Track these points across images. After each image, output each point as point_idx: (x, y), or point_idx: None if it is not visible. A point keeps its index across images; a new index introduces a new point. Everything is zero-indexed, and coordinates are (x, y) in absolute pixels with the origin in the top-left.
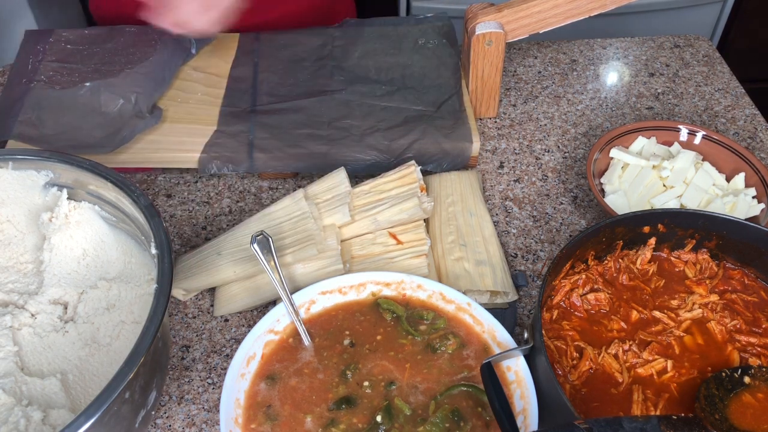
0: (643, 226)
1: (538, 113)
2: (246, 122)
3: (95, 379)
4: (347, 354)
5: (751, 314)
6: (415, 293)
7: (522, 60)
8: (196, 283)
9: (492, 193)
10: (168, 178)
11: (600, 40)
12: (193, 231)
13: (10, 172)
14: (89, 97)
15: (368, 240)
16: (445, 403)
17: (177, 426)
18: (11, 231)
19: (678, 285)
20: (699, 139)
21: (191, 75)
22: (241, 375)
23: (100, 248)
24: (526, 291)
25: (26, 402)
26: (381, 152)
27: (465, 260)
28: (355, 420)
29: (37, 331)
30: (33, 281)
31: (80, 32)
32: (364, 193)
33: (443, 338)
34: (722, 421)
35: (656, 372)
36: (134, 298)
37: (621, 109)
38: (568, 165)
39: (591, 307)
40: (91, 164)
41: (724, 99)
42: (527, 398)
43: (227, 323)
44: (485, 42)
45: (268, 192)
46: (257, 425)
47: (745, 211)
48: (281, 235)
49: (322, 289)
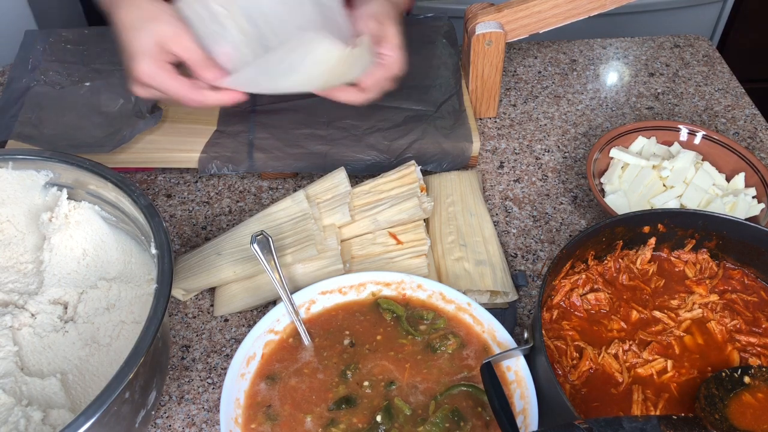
0: (643, 226)
1: (538, 113)
2: (246, 122)
3: (95, 379)
4: (347, 354)
5: (751, 314)
6: (415, 293)
7: (522, 60)
8: (196, 283)
9: (492, 193)
10: (168, 178)
11: (600, 40)
12: (193, 231)
13: (10, 172)
14: (89, 97)
15: (368, 240)
16: (445, 403)
17: (177, 426)
18: (11, 231)
19: (678, 285)
20: (699, 139)
21: None
22: (241, 375)
23: (100, 248)
24: (526, 291)
25: (26, 402)
26: (381, 152)
27: (465, 260)
28: (355, 420)
29: (37, 331)
30: (33, 281)
31: (80, 32)
32: (364, 193)
33: (443, 338)
34: (722, 421)
35: (656, 372)
36: (134, 298)
37: (621, 109)
38: (568, 165)
39: (591, 307)
40: (91, 164)
41: (724, 99)
42: (527, 398)
43: (227, 323)
44: (485, 42)
45: (268, 192)
46: (257, 425)
47: (745, 211)
48: (281, 235)
49: (322, 289)
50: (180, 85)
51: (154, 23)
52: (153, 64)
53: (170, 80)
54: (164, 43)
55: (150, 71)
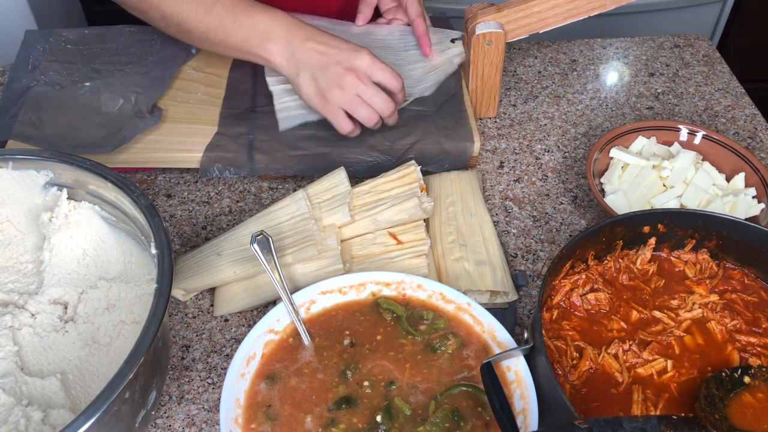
0: (643, 226)
1: (538, 113)
2: (246, 124)
3: (95, 379)
4: (347, 354)
5: (751, 314)
6: (415, 293)
7: (522, 60)
8: (196, 283)
9: (492, 193)
10: (168, 178)
11: (600, 40)
12: (193, 231)
13: (10, 172)
14: (89, 97)
15: (368, 240)
16: (445, 403)
17: (177, 426)
18: (11, 231)
19: (678, 285)
20: (699, 139)
21: (191, 75)
22: (241, 375)
23: (100, 248)
24: (526, 291)
25: (26, 402)
26: (383, 153)
27: (465, 260)
28: (355, 420)
29: (37, 331)
30: (33, 281)
31: (80, 32)
32: (364, 193)
33: (443, 338)
34: (722, 421)
35: (656, 372)
36: (134, 298)
37: (621, 109)
38: (568, 165)
39: (591, 307)
40: (91, 164)
41: (724, 99)
42: (527, 398)
43: (227, 323)
44: (485, 42)
45: (268, 192)
46: (257, 425)
47: (745, 211)
48: (281, 235)
49: (322, 289)
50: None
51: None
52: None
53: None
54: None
55: (372, 59)
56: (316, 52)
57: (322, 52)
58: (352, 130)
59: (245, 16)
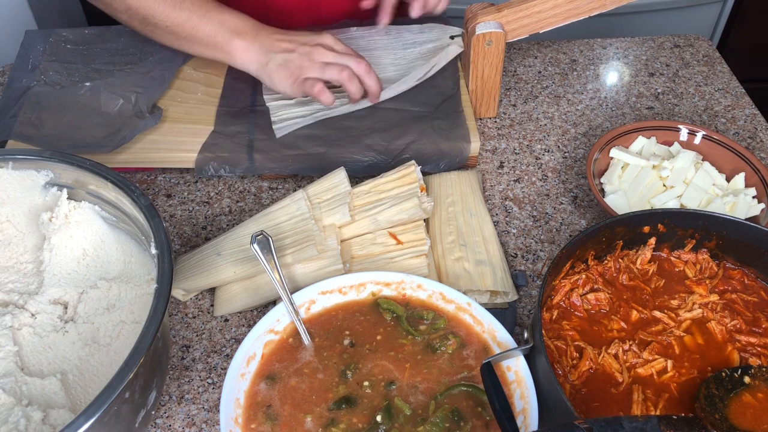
0: (643, 226)
1: (538, 113)
2: (244, 123)
3: (95, 379)
4: (347, 354)
5: (751, 314)
6: (415, 293)
7: (522, 60)
8: (196, 283)
9: (492, 193)
10: (168, 178)
11: (600, 40)
12: (193, 231)
13: (10, 172)
14: (89, 97)
15: (368, 240)
16: (445, 403)
17: (177, 426)
18: (11, 231)
19: (678, 285)
20: (699, 139)
21: (191, 75)
22: (241, 375)
23: (100, 248)
24: (526, 291)
25: (26, 402)
26: (379, 153)
27: (465, 260)
28: (355, 420)
29: (37, 331)
30: (33, 281)
31: (80, 32)
32: (363, 193)
33: (443, 338)
34: (722, 421)
35: (656, 372)
36: (134, 298)
37: (621, 109)
38: (568, 165)
39: (591, 307)
40: (91, 164)
41: (724, 99)
42: (527, 398)
43: (227, 323)
44: (485, 42)
45: (268, 192)
46: (257, 425)
47: (745, 211)
48: (281, 236)
49: (322, 289)
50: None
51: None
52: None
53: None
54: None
55: (335, 39)
56: (282, 41)
57: (288, 39)
58: (333, 100)
59: (215, 13)
